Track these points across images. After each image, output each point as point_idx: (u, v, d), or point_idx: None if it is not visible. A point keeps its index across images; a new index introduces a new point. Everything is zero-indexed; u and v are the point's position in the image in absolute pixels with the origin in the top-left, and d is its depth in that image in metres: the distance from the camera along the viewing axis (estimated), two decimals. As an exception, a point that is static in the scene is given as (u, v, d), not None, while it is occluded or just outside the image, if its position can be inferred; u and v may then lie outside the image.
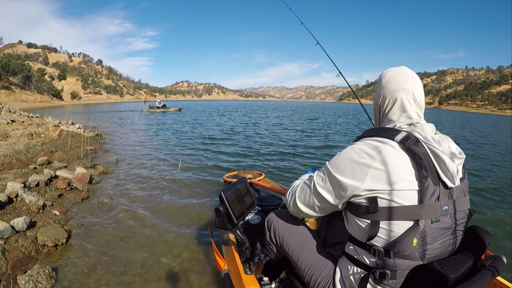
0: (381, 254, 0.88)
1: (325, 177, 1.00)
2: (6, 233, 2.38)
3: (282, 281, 1.40)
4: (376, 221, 0.88)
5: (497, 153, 8.81)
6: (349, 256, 1.01)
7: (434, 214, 0.85)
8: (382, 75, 1.07)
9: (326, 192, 0.99)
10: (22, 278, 1.92)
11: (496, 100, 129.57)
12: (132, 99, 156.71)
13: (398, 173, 0.84)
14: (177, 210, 3.50)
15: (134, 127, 14.26)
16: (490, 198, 4.32)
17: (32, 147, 5.89)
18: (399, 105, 1.00)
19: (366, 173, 0.87)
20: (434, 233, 0.86)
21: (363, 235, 0.94)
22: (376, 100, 1.09)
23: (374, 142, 0.91)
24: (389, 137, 0.90)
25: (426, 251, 0.85)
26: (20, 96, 65.33)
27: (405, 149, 0.87)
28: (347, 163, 0.93)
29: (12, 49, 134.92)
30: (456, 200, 0.89)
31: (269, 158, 6.92)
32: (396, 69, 1.04)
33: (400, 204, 0.84)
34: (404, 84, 0.99)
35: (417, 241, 0.84)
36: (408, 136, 0.89)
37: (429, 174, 0.84)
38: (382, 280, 0.88)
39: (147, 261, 2.39)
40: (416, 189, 0.84)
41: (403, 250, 0.85)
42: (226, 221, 1.44)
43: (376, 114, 1.11)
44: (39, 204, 3.09)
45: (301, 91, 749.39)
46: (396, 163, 0.85)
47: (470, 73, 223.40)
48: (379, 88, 1.07)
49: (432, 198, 0.84)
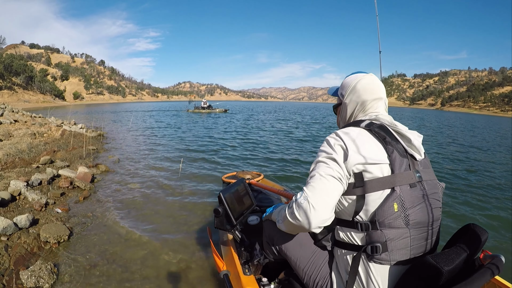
0: (369, 228, 0.94)
1: (319, 167, 1.00)
2: (9, 230, 2.43)
3: (281, 281, 1.40)
4: (361, 195, 0.96)
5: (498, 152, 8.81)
6: (339, 243, 1.05)
7: (410, 180, 0.95)
8: (355, 84, 1.15)
9: (331, 182, 0.97)
10: (25, 274, 1.96)
11: (498, 101, 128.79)
12: (134, 100, 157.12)
13: (369, 150, 0.96)
14: (177, 210, 3.53)
15: (136, 127, 14.32)
16: (490, 197, 4.33)
17: (35, 147, 5.95)
18: (373, 110, 1.14)
19: (345, 152, 0.97)
20: (411, 198, 0.94)
21: (349, 211, 1.00)
22: (352, 107, 1.17)
23: (341, 131, 1.04)
24: (355, 126, 1.06)
25: (409, 216, 0.92)
26: (23, 96, 65.63)
27: (370, 132, 1.01)
28: (325, 152, 1.01)
29: (15, 49, 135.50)
30: (423, 171, 1.01)
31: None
32: (368, 78, 1.15)
33: (378, 176, 0.94)
34: (379, 94, 1.14)
35: (398, 206, 0.92)
36: (371, 122, 1.06)
37: (394, 148, 0.98)
38: (375, 255, 0.92)
39: (147, 260, 2.42)
40: (387, 163, 0.96)
41: (387, 217, 0.92)
42: (225, 222, 1.44)
43: (348, 117, 1.20)
44: (42, 202, 3.13)
45: (303, 92, 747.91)
46: (365, 143, 0.98)
47: (473, 74, 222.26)
48: (355, 96, 1.15)
49: (402, 167, 0.96)
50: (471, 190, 4.71)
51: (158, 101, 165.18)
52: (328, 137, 1.06)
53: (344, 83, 1.21)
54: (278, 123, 19.32)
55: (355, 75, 1.17)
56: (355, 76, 1.17)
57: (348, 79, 1.19)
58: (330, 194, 0.95)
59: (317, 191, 0.94)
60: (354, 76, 1.18)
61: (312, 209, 0.93)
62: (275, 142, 9.92)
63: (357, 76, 1.17)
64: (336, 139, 1.02)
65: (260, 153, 7.67)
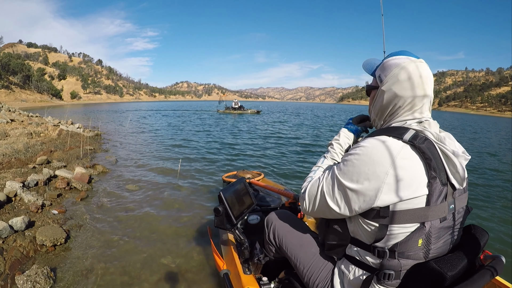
0: (386, 255, 0.86)
1: (334, 187, 0.93)
2: (4, 233, 2.37)
3: (281, 281, 1.40)
4: (385, 225, 0.85)
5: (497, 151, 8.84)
6: (350, 257, 0.99)
7: (442, 214, 0.83)
8: (399, 70, 0.90)
9: (334, 204, 0.93)
10: (20, 278, 1.91)
11: (495, 102, 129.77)
12: (131, 99, 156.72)
13: (411, 179, 0.81)
14: (176, 210, 3.49)
15: (134, 126, 14.24)
16: (490, 197, 4.31)
17: (31, 147, 5.88)
18: (416, 108, 0.92)
19: (383, 182, 0.82)
20: (438, 232, 0.85)
21: (369, 237, 0.92)
22: (389, 100, 0.94)
23: (387, 143, 0.84)
24: (397, 137, 0.85)
25: (430, 250, 0.85)
26: (20, 95, 65.29)
27: (414, 149, 0.83)
28: (359, 170, 0.86)
29: (12, 48, 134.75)
30: (458, 198, 0.88)
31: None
32: (418, 66, 0.90)
33: (410, 208, 0.82)
34: (426, 90, 0.90)
35: (422, 241, 0.83)
36: (417, 134, 0.85)
37: (437, 175, 0.81)
38: (385, 281, 0.86)
39: (146, 261, 2.38)
40: (425, 194, 0.81)
41: (408, 250, 0.84)
42: (225, 221, 1.43)
43: (383, 114, 0.99)
44: (38, 204, 3.07)
45: (301, 92, 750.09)
46: (409, 168, 0.81)
47: (470, 74, 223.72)
48: (396, 87, 0.91)
49: (439, 199, 0.82)
50: (471, 190, 4.69)
51: (156, 101, 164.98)
52: (366, 146, 0.86)
53: (387, 65, 0.94)
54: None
55: (402, 58, 0.92)
56: (402, 59, 0.92)
57: (392, 61, 0.93)
58: (327, 215, 1.00)
59: (315, 208, 1.01)
60: (401, 59, 0.92)
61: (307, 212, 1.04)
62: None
63: (405, 60, 0.91)
64: (374, 159, 0.83)
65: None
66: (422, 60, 0.92)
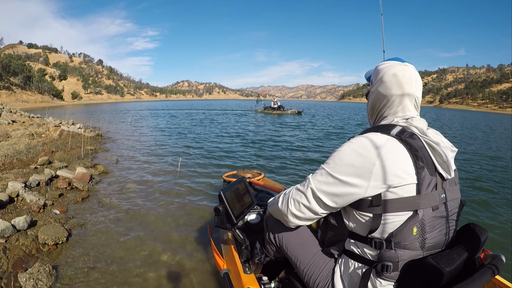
0: (383, 246, 0.90)
1: (325, 180, 0.97)
2: (7, 232, 2.41)
3: (282, 280, 1.40)
4: (378, 214, 0.90)
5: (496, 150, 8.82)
6: (349, 252, 1.02)
7: (434, 202, 0.88)
8: (384, 72, 1.02)
9: (326, 197, 0.97)
10: (23, 276, 1.95)
11: (497, 98, 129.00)
12: (132, 99, 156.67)
13: (398, 168, 0.86)
14: (176, 209, 3.52)
15: (135, 126, 14.27)
16: (490, 197, 4.33)
17: (32, 147, 5.93)
18: (400, 107, 1.01)
19: (370, 172, 0.88)
20: (432, 221, 0.88)
21: (364, 229, 0.95)
22: (375, 99, 1.06)
23: (372, 138, 0.92)
24: (385, 132, 0.93)
25: (426, 239, 0.88)
26: (21, 96, 65.36)
27: (401, 142, 0.89)
28: (347, 162, 0.92)
29: (13, 49, 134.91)
30: (449, 189, 0.93)
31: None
32: (400, 68, 1.00)
33: (401, 196, 0.87)
34: (409, 89, 0.98)
35: (417, 229, 0.86)
36: (403, 129, 0.93)
37: (425, 165, 0.87)
38: (384, 273, 0.89)
39: (147, 260, 2.41)
40: (415, 182, 0.86)
41: (404, 240, 0.87)
42: (225, 220, 1.43)
43: (373, 113, 1.10)
44: (40, 204, 3.12)
45: (302, 90, 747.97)
46: (395, 158, 0.87)
47: (471, 71, 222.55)
48: (381, 87, 1.02)
49: (429, 188, 0.87)
50: (471, 189, 4.71)
51: (157, 100, 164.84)
52: (352, 142, 0.95)
53: (377, 69, 1.07)
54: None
55: (389, 63, 1.03)
56: (389, 63, 1.03)
57: (382, 66, 1.05)
58: (317, 214, 1.03)
59: (303, 213, 1.05)
60: (388, 63, 1.03)
61: (289, 221, 1.10)
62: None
63: (390, 64, 1.02)
64: (361, 153, 0.90)
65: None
66: (408, 64, 1.02)
